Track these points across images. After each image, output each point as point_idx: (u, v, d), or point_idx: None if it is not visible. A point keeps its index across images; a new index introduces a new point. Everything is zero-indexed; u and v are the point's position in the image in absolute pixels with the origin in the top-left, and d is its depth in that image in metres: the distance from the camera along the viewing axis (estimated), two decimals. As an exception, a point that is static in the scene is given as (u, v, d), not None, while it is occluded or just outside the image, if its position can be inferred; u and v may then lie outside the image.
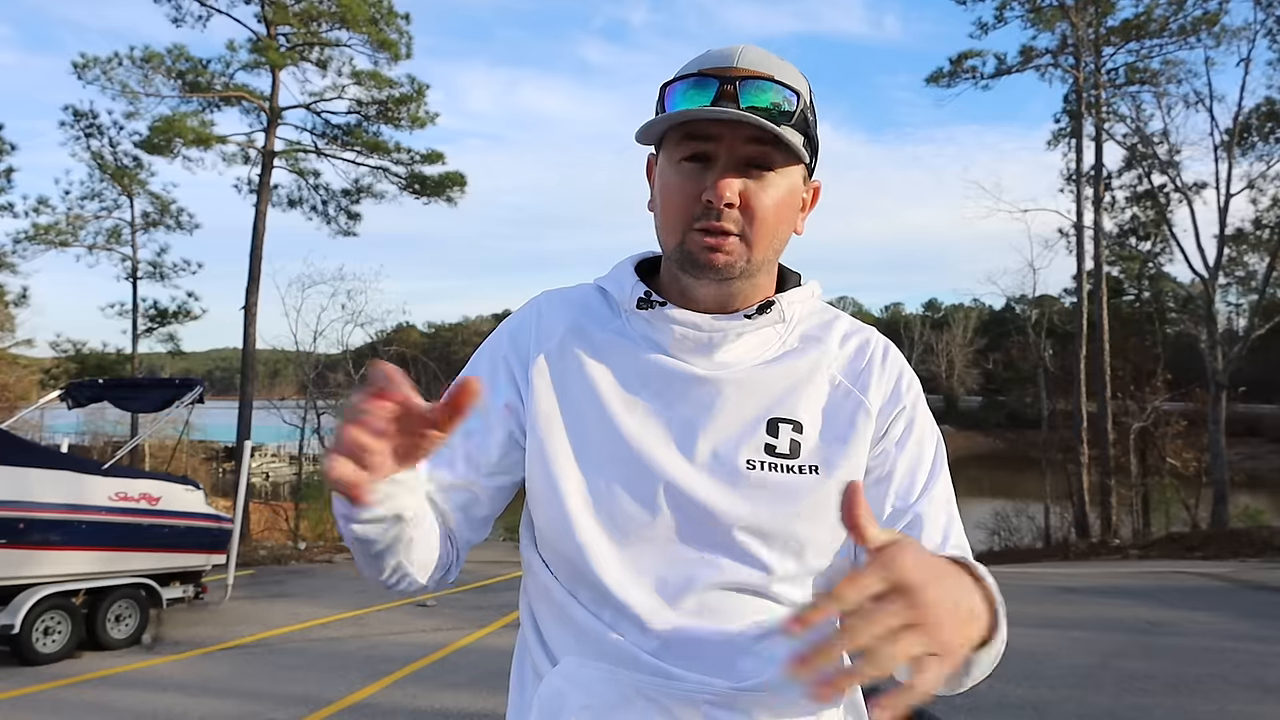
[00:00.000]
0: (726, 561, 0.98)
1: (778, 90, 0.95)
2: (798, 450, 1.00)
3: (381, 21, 19.64)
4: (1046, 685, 5.66)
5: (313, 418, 23.43)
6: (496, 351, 1.09)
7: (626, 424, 1.00)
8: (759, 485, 0.98)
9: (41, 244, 21.54)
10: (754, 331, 1.02)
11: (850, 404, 1.03)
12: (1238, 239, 21.67)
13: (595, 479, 1.00)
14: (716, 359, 1.02)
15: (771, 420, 1.01)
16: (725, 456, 0.99)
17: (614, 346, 1.05)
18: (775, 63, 0.98)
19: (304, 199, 21.88)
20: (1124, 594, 10.08)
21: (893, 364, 1.07)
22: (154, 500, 7.55)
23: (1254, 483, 26.74)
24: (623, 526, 0.99)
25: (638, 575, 0.98)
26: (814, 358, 1.04)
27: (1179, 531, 18.55)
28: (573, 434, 1.02)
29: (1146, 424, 22.18)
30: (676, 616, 0.97)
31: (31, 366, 24.58)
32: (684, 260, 0.98)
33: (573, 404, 1.03)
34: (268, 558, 14.57)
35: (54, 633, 6.83)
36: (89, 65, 19.13)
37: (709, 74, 0.95)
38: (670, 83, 0.98)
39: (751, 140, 0.94)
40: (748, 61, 0.96)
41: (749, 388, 1.01)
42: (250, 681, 6.27)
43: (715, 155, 0.95)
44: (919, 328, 59.20)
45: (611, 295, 1.08)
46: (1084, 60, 20.73)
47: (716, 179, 0.94)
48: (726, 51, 0.98)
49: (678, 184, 0.97)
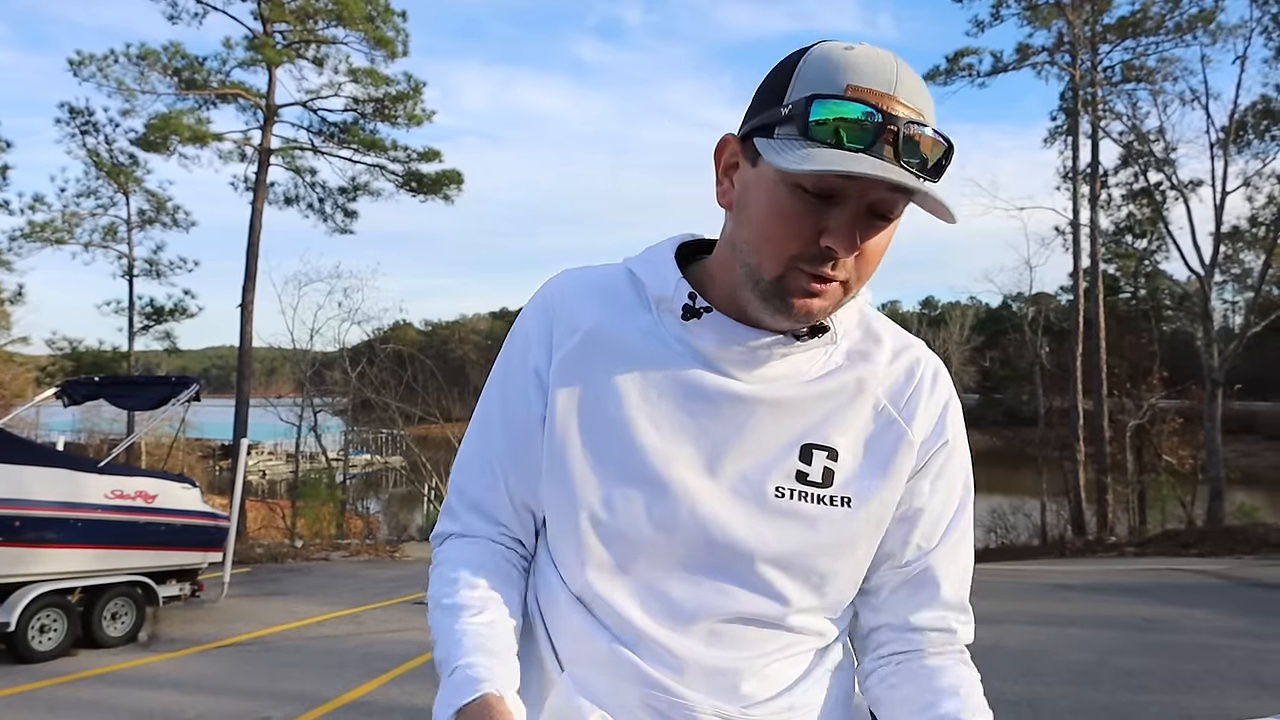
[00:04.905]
0: (743, 592, 0.94)
1: (935, 143, 0.84)
2: (830, 479, 0.95)
3: (378, 19, 19.61)
4: (1042, 682, 5.67)
5: (309, 415, 23.42)
6: (524, 361, 1.01)
7: (651, 440, 0.94)
8: (786, 514, 0.93)
9: (37, 241, 21.47)
10: (803, 351, 0.95)
11: (892, 434, 0.97)
12: (1234, 236, 21.69)
13: (612, 495, 0.94)
14: (756, 374, 0.95)
15: (806, 446, 0.95)
16: (754, 481, 0.94)
17: (644, 350, 0.97)
18: (923, 91, 0.86)
19: (300, 196, 21.87)
20: (1120, 591, 10.11)
21: (941, 390, 1.01)
22: (150, 498, 7.53)
23: (1249, 480, 26.81)
24: (637, 547, 0.94)
25: (649, 597, 0.95)
26: (859, 378, 0.97)
27: (1175, 529, 18.58)
28: (591, 446, 0.96)
29: (1142, 421, 22.23)
30: (686, 641, 0.94)
31: (27, 364, 24.49)
32: (774, 295, 0.88)
33: (594, 413, 0.96)
34: (264, 555, 14.54)
35: (50, 630, 6.81)
36: (85, 63, 19.09)
37: (867, 102, 0.81)
38: (821, 97, 0.82)
39: (891, 189, 0.83)
40: (905, 90, 0.83)
41: (787, 409, 0.95)
42: (247, 679, 6.26)
43: (846, 196, 0.84)
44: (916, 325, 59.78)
45: (645, 285, 0.99)
46: (1080, 58, 20.76)
47: (847, 226, 0.84)
48: (881, 67, 0.83)
49: (794, 214, 0.85)
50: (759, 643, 0.96)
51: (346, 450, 27.74)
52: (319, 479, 23.60)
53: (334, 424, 27.84)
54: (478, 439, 1.05)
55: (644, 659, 0.94)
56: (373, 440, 34.81)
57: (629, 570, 0.95)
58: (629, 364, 0.96)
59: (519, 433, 1.01)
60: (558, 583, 1.00)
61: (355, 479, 29.44)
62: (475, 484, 1.04)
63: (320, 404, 23.88)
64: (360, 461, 32.71)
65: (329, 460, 26.58)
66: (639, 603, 0.95)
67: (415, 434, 24.46)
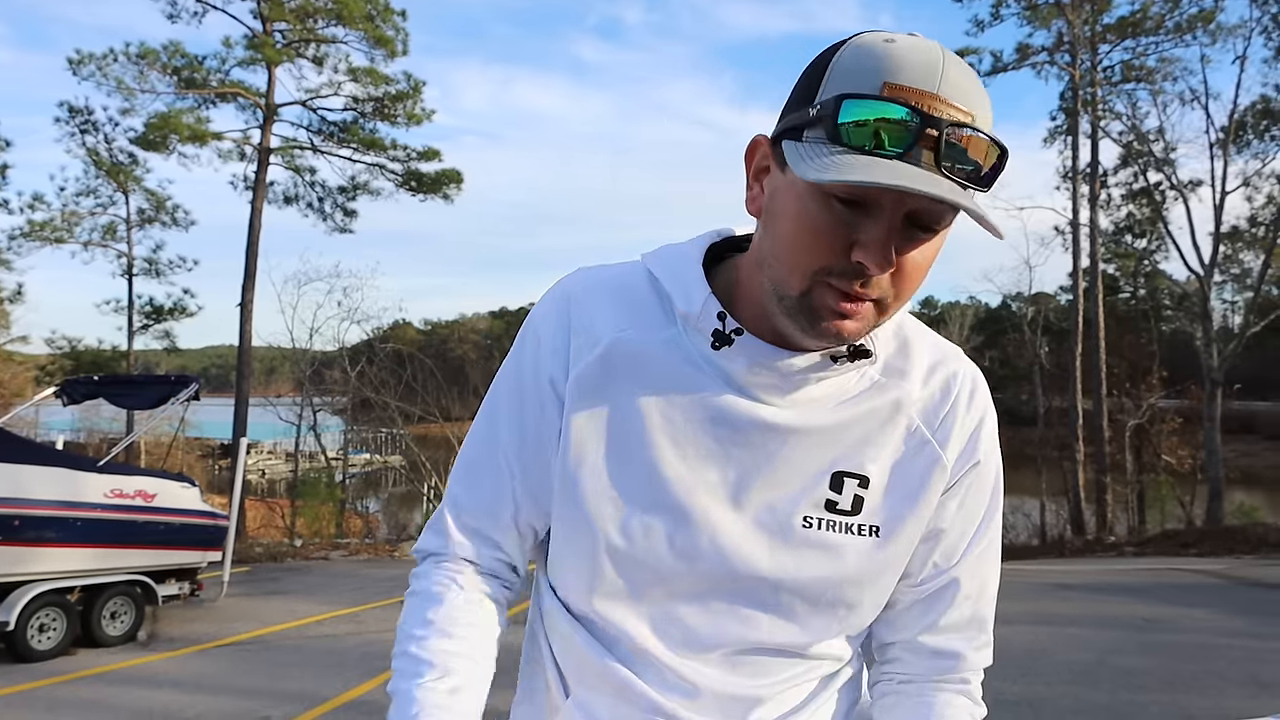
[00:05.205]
0: (765, 621, 0.91)
1: (988, 147, 0.75)
2: (859, 507, 0.90)
3: (378, 18, 19.61)
4: (1042, 682, 5.67)
5: (308, 415, 23.41)
6: (538, 370, 0.94)
7: (674, 465, 0.89)
8: (813, 545, 0.89)
9: (37, 240, 21.47)
10: (838, 375, 0.89)
11: (925, 457, 0.92)
12: (1233, 236, 21.69)
13: (631, 521, 0.89)
14: (789, 399, 0.88)
15: (838, 474, 0.89)
16: (781, 512, 0.89)
17: (668, 368, 0.90)
18: (976, 88, 0.75)
19: (300, 196, 21.88)
20: (1119, 591, 10.11)
21: (977, 407, 0.95)
22: (149, 497, 7.53)
23: (1249, 479, 26.85)
24: (655, 575, 0.90)
25: (665, 624, 0.91)
26: (894, 399, 0.91)
27: (1174, 528, 18.58)
28: (611, 469, 0.90)
29: (1142, 421, 22.24)
30: (702, 668, 0.92)
31: (27, 363, 24.49)
32: (800, 312, 0.80)
33: (614, 434, 0.90)
34: (264, 555, 14.54)
35: (49, 630, 6.81)
36: (84, 62, 19.10)
37: (906, 102, 0.72)
38: (853, 96, 0.74)
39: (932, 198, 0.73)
40: (952, 88, 0.73)
41: (819, 435, 0.89)
42: (246, 679, 6.26)
43: (880, 206, 0.75)
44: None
45: (669, 297, 0.90)
46: (1080, 58, 20.75)
47: (880, 239, 0.75)
48: (925, 61, 0.74)
49: (823, 224, 0.76)
50: (778, 669, 0.94)
51: (346, 449, 27.73)
52: (318, 478, 23.59)
53: (333, 423, 27.85)
54: (483, 447, 0.97)
55: (655, 686, 0.92)
56: (372, 439, 34.78)
57: (644, 597, 0.91)
58: (652, 383, 0.90)
59: (532, 446, 0.94)
60: (558, 606, 0.97)
61: (355, 478, 29.42)
62: (475, 498, 0.97)
63: (320, 403, 23.87)
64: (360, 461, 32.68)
65: (328, 459, 26.58)
66: (653, 629, 0.92)
67: (415, 433, 24.43)
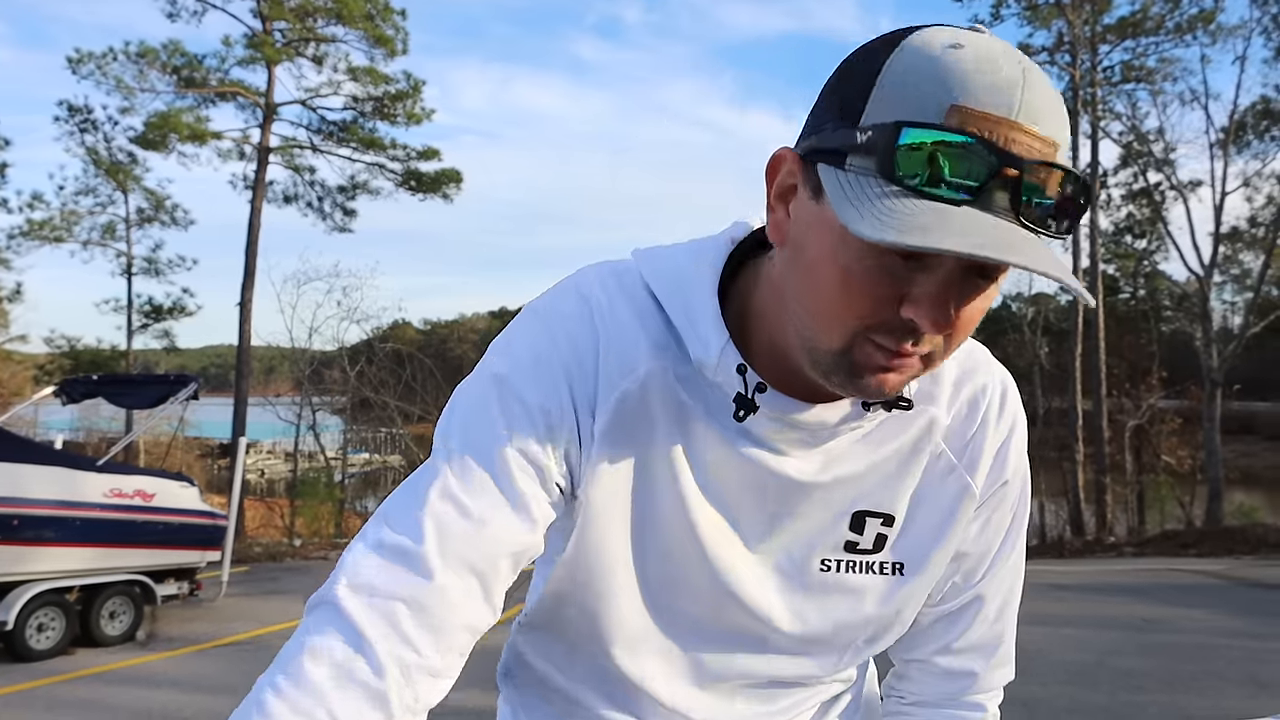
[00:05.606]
0: (779, 659, 0.88)
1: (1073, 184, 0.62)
2: (882, 545, 0.84)
3: (377, 17, 19.60)
4: (1038, 682, 5.66)
5: (308, 414, 23.40)
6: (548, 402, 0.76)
7: (698, 516, 0.80)
8: (831, 589, 0.85)
9: (36, 240, 21.46)
10: (870, 423, 0.80)
11: (952, 485, 0.84)
12: (1233, 237, 21.69)
13: (648, 574, 0.83)
14: (816, 451, 0.80)
15: (859, 513, 0.83)
16: (799, 558, 0.84)
17: (688, 410, 0.79)
18: (1057, 109, 0.63)
19: (299, 195, 21.85)
20: (1119, 591, 10.10)
21: (1007, 417, 0.86)
22: (148, 497, 7.53)
23: (1248, 480, 26.84)
24: (668, 622, 0.85)
25: (668, 664, 0.87)
26: (921, 427, 0.82)
27: (1174, 529, 18.58)
28: (637, 523, 0.81)
29: (1141, 421, 22.23)
30: (707, 699, 0.89)
31: (26, 362, 24.52)
32: (835, 370, 0.68)
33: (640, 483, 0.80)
34: (263, 554, 14.53)
35: (48, 629, 6.81)
36: (84, 60, 19.08)
37: (979, 134, 0.59)
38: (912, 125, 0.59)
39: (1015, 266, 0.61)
40: (1033, 112, 0.60)
41: (845, 482, 0.82)
42: (245, 678, 6.20)
43: (942, 257, 0.62)
44: (915, 325, 59.41)
45: (680, 336, 0.77)
46: (1080, 58, 20.74)
47: (936, 295, 0.63)
48: (1001, 78, 0.60)
49: (869, 276, 0.63)
50: (784, 696, 0.93)
51: (345, 449, 27.71)
52: (317, 478, 23.55)
53: (332, 423, 27.82)
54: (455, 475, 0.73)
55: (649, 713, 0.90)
56: (371, 439, 34.73)
57: (654, 642, 0.86)
58: (678, 425, 0.79)
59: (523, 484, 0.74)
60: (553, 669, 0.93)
61: (354, 478, 29.40)
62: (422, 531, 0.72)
63: (319, 403, 23.82)
64: (359, 460, 32.65)
65: (327, 459, 26.54)
66: (658, 672, 0.88)
67: (414, 433, 24.42)
